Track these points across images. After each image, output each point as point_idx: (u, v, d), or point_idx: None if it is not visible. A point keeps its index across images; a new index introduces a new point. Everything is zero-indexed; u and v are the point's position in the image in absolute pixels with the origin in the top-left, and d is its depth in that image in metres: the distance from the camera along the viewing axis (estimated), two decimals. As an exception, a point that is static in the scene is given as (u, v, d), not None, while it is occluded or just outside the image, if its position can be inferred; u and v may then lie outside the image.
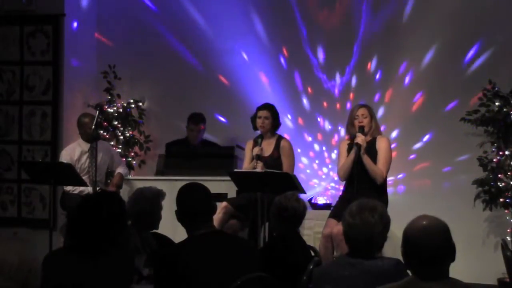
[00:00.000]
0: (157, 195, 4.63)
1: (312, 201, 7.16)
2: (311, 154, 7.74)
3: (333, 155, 7.59)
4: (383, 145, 6.21)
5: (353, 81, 7.60)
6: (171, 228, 4.51)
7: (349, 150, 6.24)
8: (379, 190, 6.10)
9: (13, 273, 2.40)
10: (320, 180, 7.69)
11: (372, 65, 7.52)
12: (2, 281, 2.40)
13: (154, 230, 4.68)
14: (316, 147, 7.72)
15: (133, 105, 8.04)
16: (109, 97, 7.99)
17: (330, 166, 7.64)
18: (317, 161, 7.73)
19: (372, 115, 6.27)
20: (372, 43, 7.51)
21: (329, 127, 7.68)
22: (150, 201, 4.58)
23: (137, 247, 4.35)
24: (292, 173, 6.30)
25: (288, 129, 7.61)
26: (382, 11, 7.47)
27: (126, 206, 4.56)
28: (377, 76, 7.51)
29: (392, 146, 6.35)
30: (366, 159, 6.08)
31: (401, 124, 7.42)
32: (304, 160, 7.71)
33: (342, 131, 7.48)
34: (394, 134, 7.37)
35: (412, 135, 7.42)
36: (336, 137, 7.63)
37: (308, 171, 7.70)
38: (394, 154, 6.60)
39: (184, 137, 7.62)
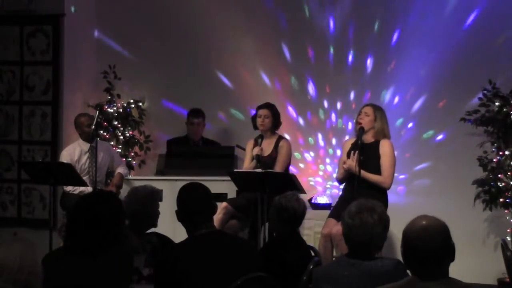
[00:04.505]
0: (151, 194, 4.58)
1: (312, 201, 7.16)
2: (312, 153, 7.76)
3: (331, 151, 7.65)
4: (386, 151, 6.15)
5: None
6: (171, 228, 4.50)
7: (352, 149, 6.19)
8: (379, 190, 6.08)
9: (13, 275, 2.41)
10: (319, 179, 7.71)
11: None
12: (2, 283, 2.40)
13: (154, 230, 4.67)
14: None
15: (133, 105, 8.05)
16: (109, 97, 8.00)
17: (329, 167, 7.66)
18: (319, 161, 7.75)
19: (377, 116, 6.19)
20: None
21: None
22: (144, 200, 4.53)
23: (134, 247, 4.34)
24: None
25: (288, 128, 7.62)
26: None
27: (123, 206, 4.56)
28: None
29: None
30: (365, 175, 6.03)
31: (401, 123, 7.43)
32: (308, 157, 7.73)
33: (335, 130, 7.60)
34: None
35: (412, 135, 7.42)
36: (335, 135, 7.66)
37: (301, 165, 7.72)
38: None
39: (184, 135, 7.63)
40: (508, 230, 6.81)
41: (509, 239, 6.65)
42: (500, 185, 6.72)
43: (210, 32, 7.92)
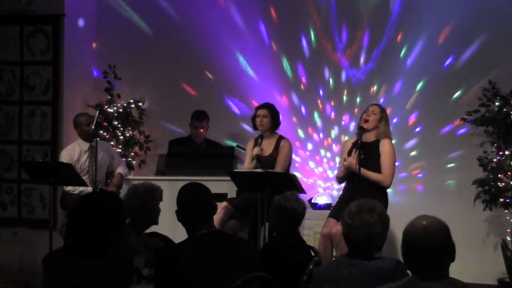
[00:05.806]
0: (151, 190, 4.56)
1: (312, 201, 7.16)
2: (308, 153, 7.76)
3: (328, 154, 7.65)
4: (386, 149, 6.13)
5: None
6: (171, 228, 4.50)
7: (353, 149, 6.18)
8: (380, 189, 6.08)
9: (13, 276, 2.40)
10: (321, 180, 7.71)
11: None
12: (2, 283, 2.39)
13: (155, 230, 4.66)
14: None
15: (133, 105, 8.05)
16: (109, 97, 7.99)
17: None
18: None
19: (383, 116, 6.20)
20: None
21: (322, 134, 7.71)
22: (143, 197, 4.50)
23: (134, 247, 4.33)
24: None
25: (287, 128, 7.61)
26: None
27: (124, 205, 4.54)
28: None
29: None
30: (365, 173, 6.02)
31: (401, 123, 7.43)
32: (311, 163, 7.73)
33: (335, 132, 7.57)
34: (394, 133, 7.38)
35: (412, 135, 7.42)
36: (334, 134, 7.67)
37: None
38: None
39: (187, 136, 7.62)
40: (508, 230, 6.82)
41: (509, 239, 6.65)
42: (500, 185, 6.72)
43: (210, 32, 7.93)
